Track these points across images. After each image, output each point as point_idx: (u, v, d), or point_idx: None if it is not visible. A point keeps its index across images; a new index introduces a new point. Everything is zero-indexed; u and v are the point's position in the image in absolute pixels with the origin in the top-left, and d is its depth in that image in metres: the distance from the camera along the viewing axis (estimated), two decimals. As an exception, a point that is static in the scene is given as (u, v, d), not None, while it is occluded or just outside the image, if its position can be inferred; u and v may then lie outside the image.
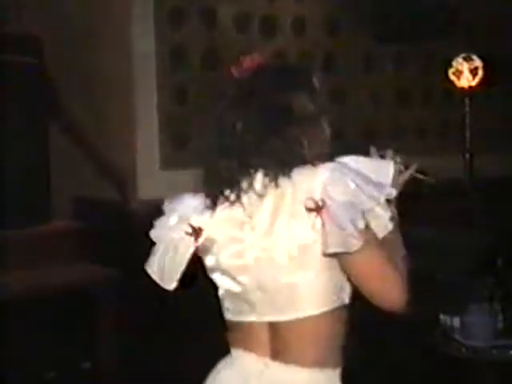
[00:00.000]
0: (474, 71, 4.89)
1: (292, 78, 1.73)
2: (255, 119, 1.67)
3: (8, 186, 4.35)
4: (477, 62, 4.89)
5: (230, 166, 1.70)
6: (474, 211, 4.68)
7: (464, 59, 4.90)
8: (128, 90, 4.48)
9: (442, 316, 3.26)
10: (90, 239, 4.50)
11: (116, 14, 4.63)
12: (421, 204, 3.60)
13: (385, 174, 1.65)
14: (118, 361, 4.22)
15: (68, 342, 4.16)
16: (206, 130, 1.79)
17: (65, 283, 4.23)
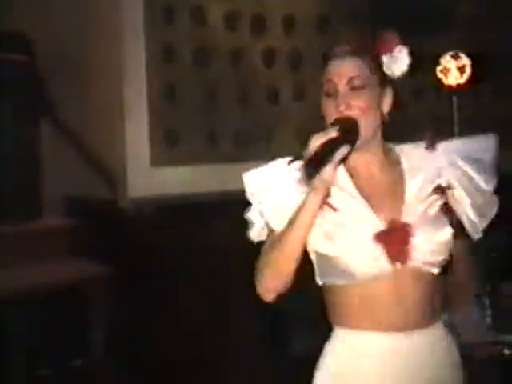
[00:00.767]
0: (461, 69, 4.91)
1: None
2: None
3: (-2, 183, 4.35)
4: (464, 60, 4.91)
5: None
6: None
7: (452, 57, 4.92)
8: (118, 87, 4.48)
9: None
10: (81, 237, 4.51)
11: (106, 11, 4.63)
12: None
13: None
14: (110, 358, 4.22)
15: (59, 340, 4.16)
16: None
17: (55, 281, 4.23)
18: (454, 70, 4.94)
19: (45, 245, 4.42)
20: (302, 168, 1.73)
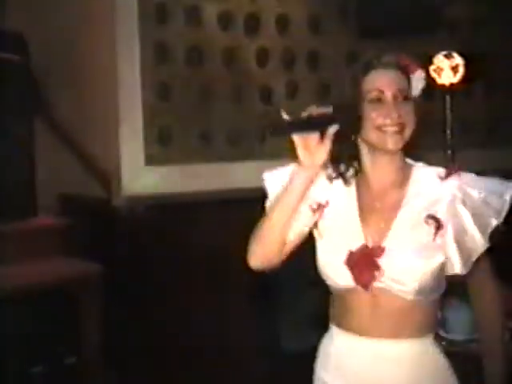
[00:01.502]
0: (454, 68, 4.92)
1: None
2: None
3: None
4: (458, 60, 4.92)
5: None
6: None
7: (445, 56, 4.93)
8: (112, 86, 4.49)
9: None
10: (75, 235, 4.51)
11: (100, 11, 4.63)
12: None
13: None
14: (103, 356, 4.23)
15: (53, 337, 4.17)
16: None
17: (49, 279, 4.23)
18: (447, 70, 4.95)
19: (40, 243, 4.43)
20: (279, 122, 1.77)
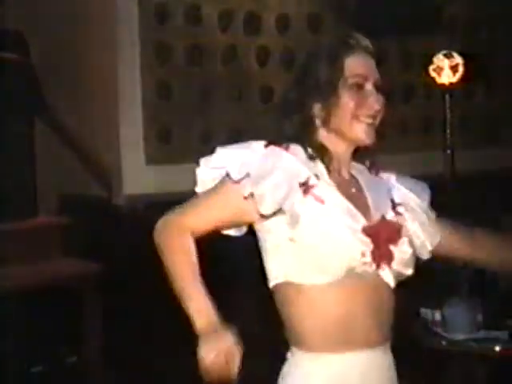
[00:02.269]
0: (454, 68, 4.93)
1: None
2: None
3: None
4: (457, 59, 4.93)
5: None
6: (455, 206, 4.74)
7: (445, 56, 4.94)
8: (113, 86, 4.50)
9: (422, 309, 3.32)
10: (76, 235, 4.52)
11: (101, 11, 4.64)
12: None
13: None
14: (104, 355, 4.24)
15: (54, 337, 4.18)
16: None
17: (51, 278, 4.25)
18: (446, 69, 4.96)
19: (40, 243, 4.44)
20: None
